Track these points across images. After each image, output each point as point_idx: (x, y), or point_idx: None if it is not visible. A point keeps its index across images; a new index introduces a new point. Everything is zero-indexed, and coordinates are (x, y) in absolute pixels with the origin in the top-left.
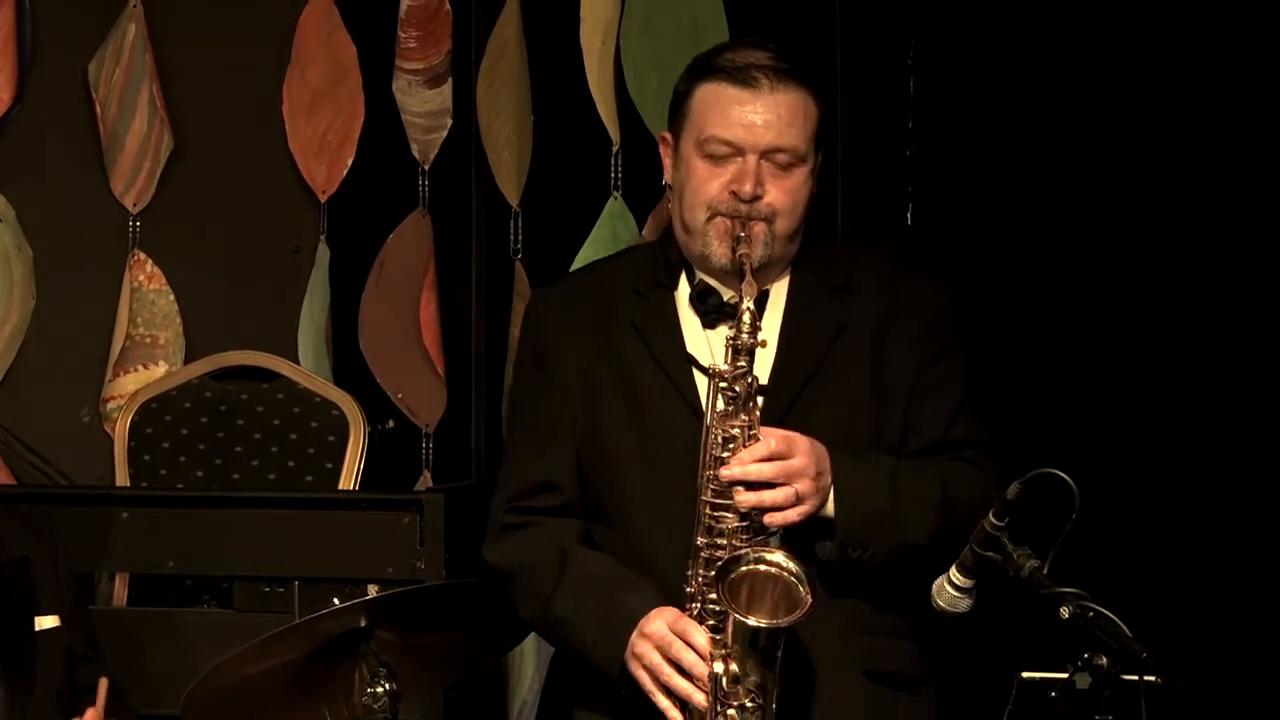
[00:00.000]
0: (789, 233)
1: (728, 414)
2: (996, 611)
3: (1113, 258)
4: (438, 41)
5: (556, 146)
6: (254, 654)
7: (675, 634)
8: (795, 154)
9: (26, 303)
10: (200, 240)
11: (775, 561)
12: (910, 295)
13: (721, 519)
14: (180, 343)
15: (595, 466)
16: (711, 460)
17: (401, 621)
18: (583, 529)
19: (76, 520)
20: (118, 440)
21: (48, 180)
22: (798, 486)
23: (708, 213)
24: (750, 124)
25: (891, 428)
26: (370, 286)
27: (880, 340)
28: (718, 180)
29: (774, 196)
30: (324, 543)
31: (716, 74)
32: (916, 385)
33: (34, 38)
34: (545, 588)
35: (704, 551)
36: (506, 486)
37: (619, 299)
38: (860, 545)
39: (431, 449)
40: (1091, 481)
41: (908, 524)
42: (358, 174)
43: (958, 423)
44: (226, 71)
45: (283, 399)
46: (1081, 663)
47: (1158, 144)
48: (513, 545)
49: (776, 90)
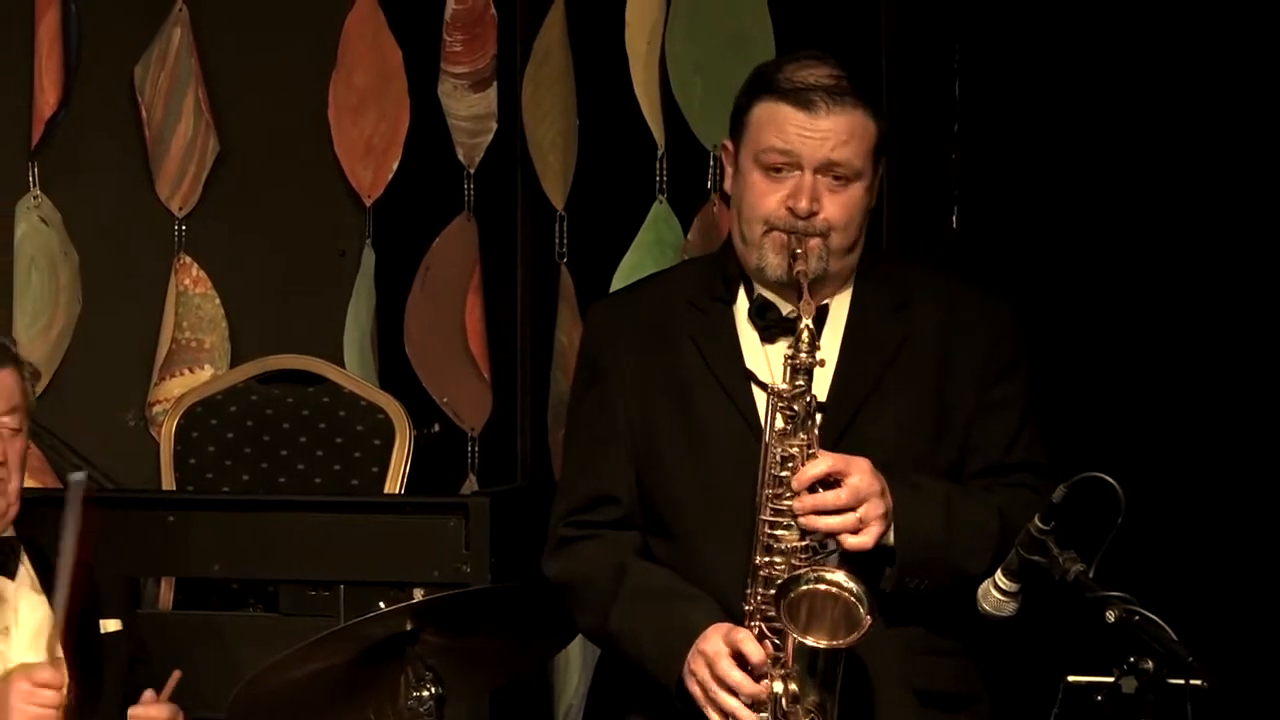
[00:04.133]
0: (845, 247)
1: (786, 433)
2: (1042, 615)
3: (1158, 261)
4: (483, 45)
5: (601, 150)
6: (299, 658)
7: (728, 646)
8: (852, 170)
9: (73, 306)
10: (246, 244)
11: (835, 581)
12: (970, 314)
13: (780, 538)
14: (226, 346)
15: (652, 481)
16: (770, 479)
17: (447, 625)
18: (641, 541)
19: (122, 524)
20: (163, 444)
21: (94, 184)
22: (863, 510)
23: (764, 226)
24: (807, 139)
25: (949, 447)
26: (416, 290)
27: (940, 359)
28: (774, 195)
29: (830, 212)
30: (369, 546)
31: (775, 93)
32: (977, 405)
33: (80, 41)
34: (604, 600)
35: (763, 570)
36: (565, 499)
37: (677, 313)
38: (918, 575)
39: (477, 453)
40: (1137, 485)
41: (965, 554)
42: (403, 178)
43: (1017, 444)
44: (272, 75)
45: (328, 403)
46: (1127, 667)
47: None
48: (572, 558)
49: (833, 112)
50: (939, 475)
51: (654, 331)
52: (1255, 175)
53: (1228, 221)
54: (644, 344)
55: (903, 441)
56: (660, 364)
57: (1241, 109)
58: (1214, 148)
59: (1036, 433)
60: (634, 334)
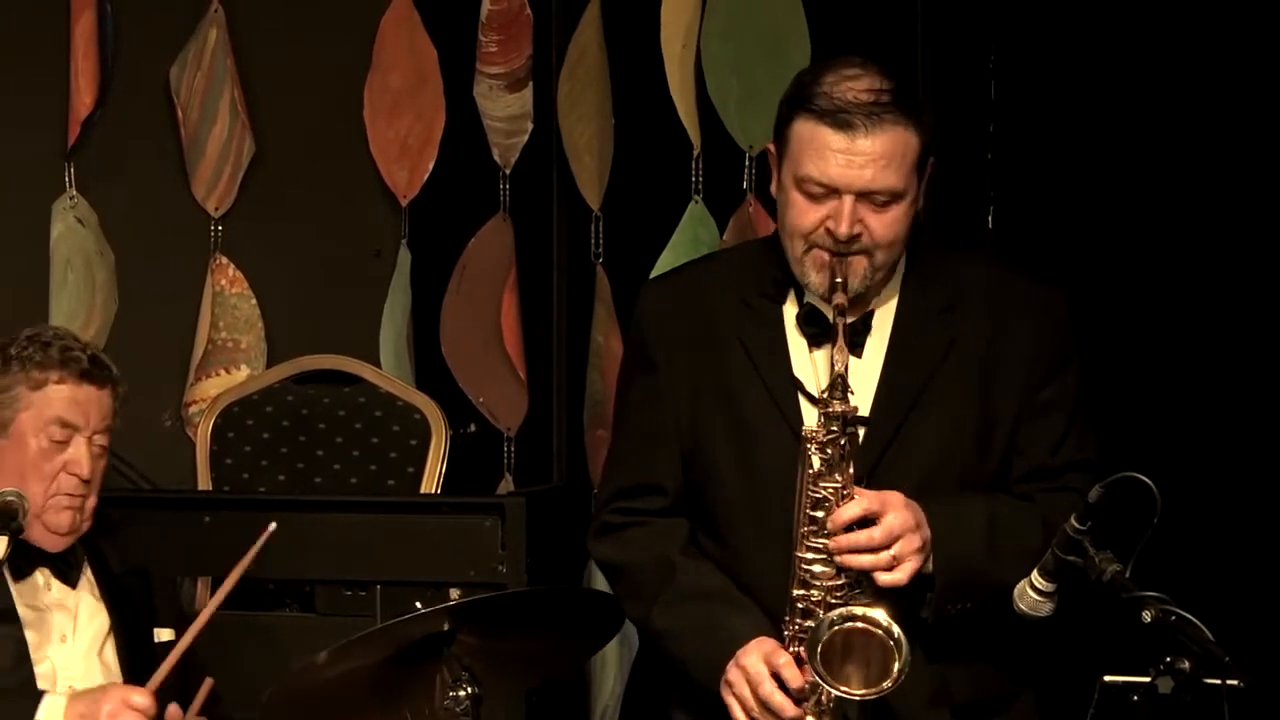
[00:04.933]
0: (889, 263)
1: (821, 474)
2: (1079, 616)
3: (1193, 261)
4: (519, 46)
5: (637, 151)
6: (336, 658)
7: (770, 668)
8: (893, 193)
9: (109, 306)
10: (282, 244)
11: (870, 618)
12: (1020, 308)
13: (817, 575)
14: (262, 347)
15: (696, 476)
16: (805, 518)
17: (484, 626)
18: (689, 530)
19: (159, 524)
20: (200, 444)
21: (130, 184)
22: (898, 548)
23: (805, 244)
24: (846, 166)
25: (995, 452)
26: (452, 290)
27: (988, 360)
28: (814, 215)
29: (873, 231)
30: (406, 546)
31: (810, 112)
32: (1025, 407)
33: (116, 42)
34: (650, 593)
35: (800, 602)
36: (610, 485)
37: (727, 307)
38: (959, 599)
39: (513, 452)
40: (1174, 484)
41: (1008, 573)
42: (439, 178)
43: (1065, 445)
44: (307, 76)
45: (364, 403)
46: (1164, 667)
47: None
48: (620, 543)
49: (872, 133)
50: (984, 482)
51: (704, 326)
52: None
53: (1265, 221)
54: (692, 332)
55: (947, 451)
56: (708, 360)
57: (1277, 107)
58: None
59: (1085, 429)
60: (684, 324)
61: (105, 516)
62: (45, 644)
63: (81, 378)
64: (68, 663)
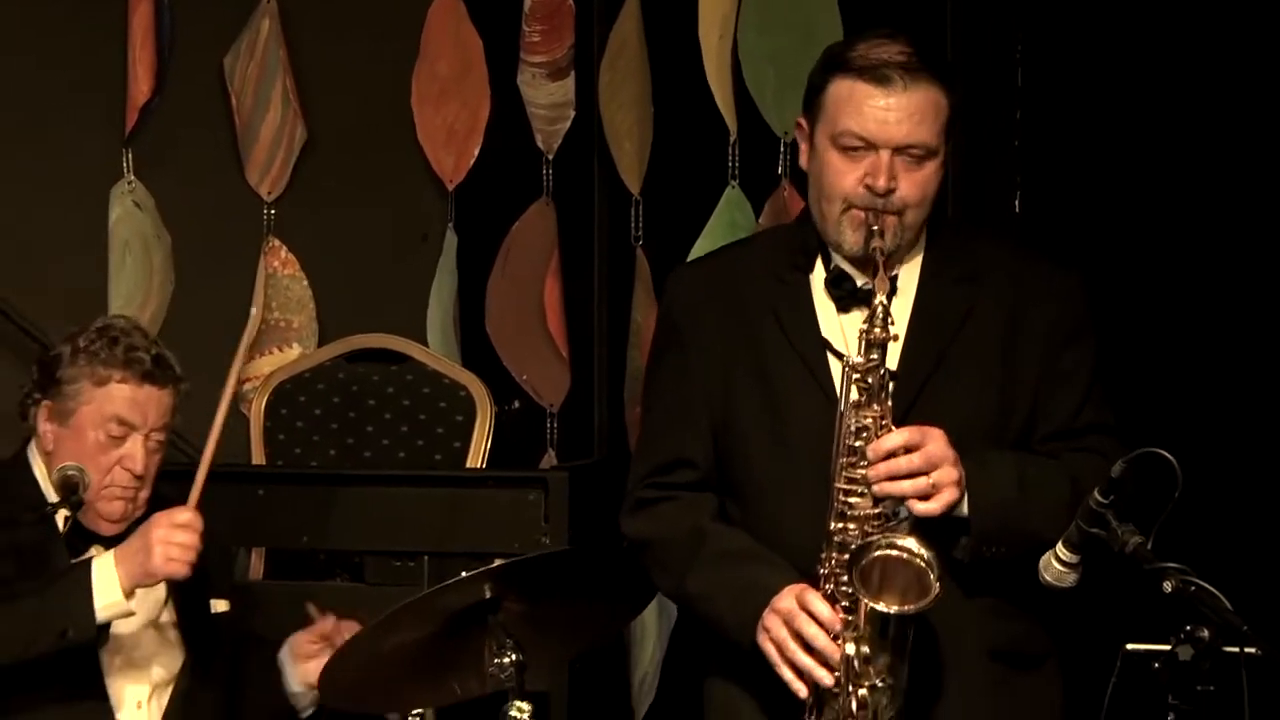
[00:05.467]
0: (918, 223)
1: (861, 404)
2: (1102, 586)
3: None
4: (561, 36)
5: (676, 137)
6: (385, 627)
7: (801, 606)
8: (927, 149)
9: (166, 288)
10: (332, 227)
11: (906, 547)
12: (1039, 285)
13: (854, 505)
14: (313, 326)
15: (729, 446)
16: (845, 449)
17: (526, 592)
18: (717, 504)
19: (215, 497)
20: (254, 420)
21: (185, 170)
22: (936, 476)
23: (843, 204)
24: (884, 120)
25: (1019, 414)
26: (496, 272)
27: (1009, 328)
28: (852, 174)
29: (906, 190)
30: (452, 519)
31: (851, 70)
32: (1046, 372)
33: (172, 32)
34: (681, 562)
35: (837, 536)
36: (643, 461)
37: (757, 283)
38: (994, 543)
39: (556, 428)
40: (1195, 459)
41: (1040, 521)
42: (484, 163)
43: (1086, 408)
44: (357, 65)
45: (412, 380)
46: (1184, 635)
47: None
48: (650, 519)
49: (910, 88)
50: (1007, 443)
51: (734, 301)
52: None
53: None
54: (724, 313)
55: (971, 412)
56: (740, 334)
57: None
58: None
59: (1103, 400)
60: (715, 303)
61: (160, 495)
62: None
63: (143, 379)
64: (134, 629)
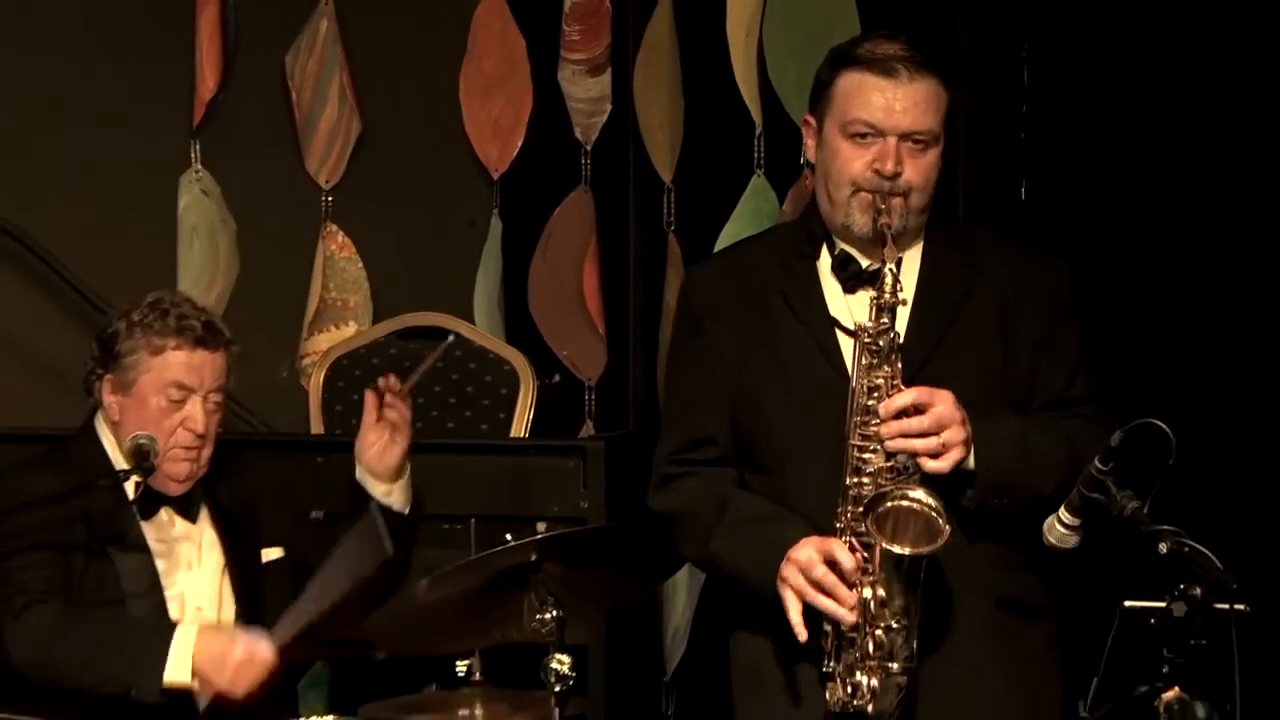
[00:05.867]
0: (922, 206)
1: (872, 366)
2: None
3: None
4: (598, 35)
5: (705, 129)
6: (435, 585)
7: (821, 555)
8: (930, 136)
9: (231, 270)
10: (386, 214)
11: (916, 497)
12: (1033, 273)
13: (868, 461)
14: (368, 305)
15: (748, 422)
16: (859, 408)
17: (567, 557)
18: (737, 477)
19: (278, 464)
20: (313, 393)
21: (249, 160)
22: (945, 436)
23: (851, 188)
24: (891, 109)
25: (1017, 385)
26: (538, 255)
27: (1005, 308)
28: (860, 160)
29: (911, 174)
30: (497, 485)
31: (858, 64)
32: (1040, 348)
33: (237, 32)
34: (706, 528)
35: (852, 490)
36: (668, 441)
37: (767, 271)
38: (997, 496)
39: (594, 400)
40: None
41: (1039, 476)
42: (526, 154)
43: (1077, 381)
44: (409, 62)
45: (460, 355)
46: (1178, 593)
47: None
48: (675, 493)
49: (914, 79)
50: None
51: (746, 289)
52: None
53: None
54: (738, 300)
55: (974, 381)
56: (754, 317)
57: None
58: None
59: (1092, 373)
60: (728, 293)
61: (216, 456)
62: (175, 571)
63: (196, 344)
64: (195, 587)
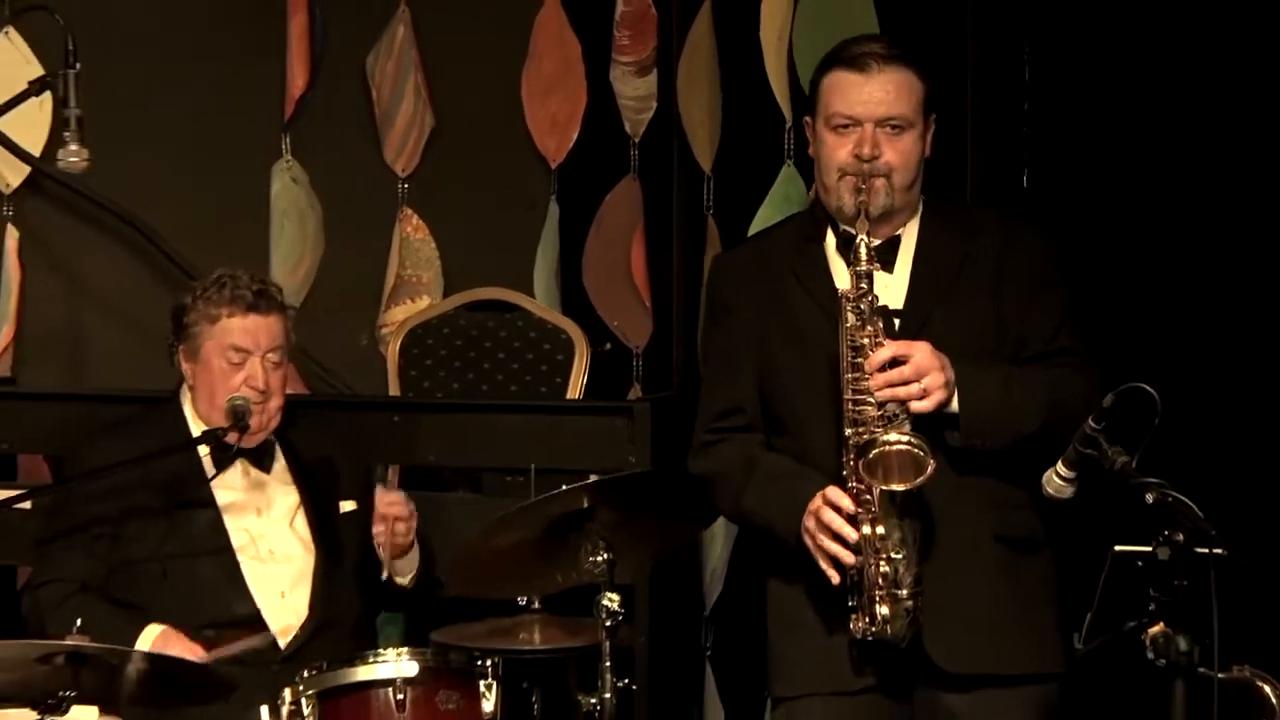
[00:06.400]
0: (906, 184)
1: (857, 327)
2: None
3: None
4: (646, 40)
5: (741, 123)
6: (498, 529)
7: (825, 501)
8: (904, 120)
9: (318, 249)
10: (456, 199)
11: (900, 439)
12: (1022, 245)
13: (862, 413)
14: (440, 281)
15: (771, 388)
16: (849, 365)
17: (616, 503)
18: (764, 440)
19: (358, 423)
20: (390, 359)
21: (334, 151)
22: (926, 381)
23: (838, 173)
24: (865, 100)
25: (1006, 344)
26: (591, 237)
27: (997, 275)
28: (843, 148)
29: (890, 156)
30: (554, 441)
31: (837, 64)
32: (1027, 308)
33: (323, 36)
34: (737, 486)
35: (851, 440)
36: (704, 412)
37: (782, 255)
38: (981, 434)
39: (640, 366)
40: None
41: (1021, 416)
42: (581, 146)
43: (1059, 336)
44: (477, 64)
45: (521, 326)
46: (1163, 539)
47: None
48: (710, 457)
49: (884, 70)
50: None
51: (764, 273)
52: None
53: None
54: (757, 283)
55: (968, 340)
56: (771, 296)
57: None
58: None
59: (1075, 331)
60: (749, 277)
61: (294, 415)
62: (245, 515)
63: (248, 310)
64: (264, 530)
